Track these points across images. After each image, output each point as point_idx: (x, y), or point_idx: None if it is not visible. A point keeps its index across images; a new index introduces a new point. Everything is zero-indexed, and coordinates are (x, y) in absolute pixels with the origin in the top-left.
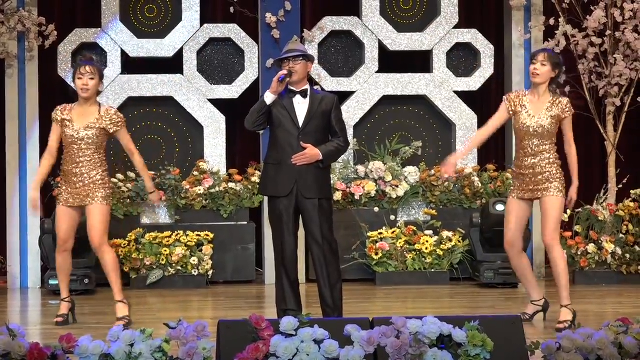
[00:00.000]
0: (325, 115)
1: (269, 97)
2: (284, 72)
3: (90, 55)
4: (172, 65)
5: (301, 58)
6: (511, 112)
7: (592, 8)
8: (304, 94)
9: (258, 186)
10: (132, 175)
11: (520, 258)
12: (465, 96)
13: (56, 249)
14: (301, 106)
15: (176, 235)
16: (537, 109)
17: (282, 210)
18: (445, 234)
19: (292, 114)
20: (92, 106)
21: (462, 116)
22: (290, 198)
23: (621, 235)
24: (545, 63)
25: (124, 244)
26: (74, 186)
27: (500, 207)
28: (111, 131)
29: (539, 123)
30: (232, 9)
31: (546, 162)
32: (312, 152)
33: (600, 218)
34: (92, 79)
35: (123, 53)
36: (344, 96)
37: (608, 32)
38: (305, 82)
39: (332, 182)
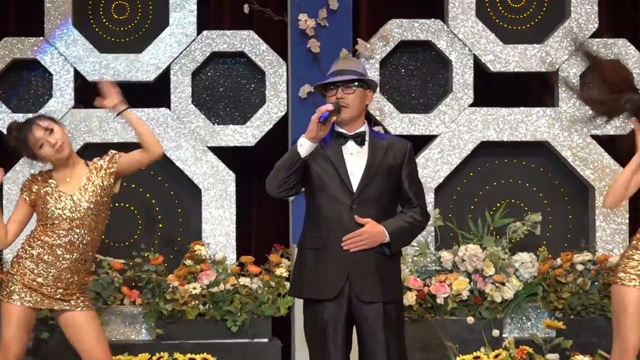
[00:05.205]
0: (393, 172)
1: (304, 146)
2: (329, 106)
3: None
4: (154, 94)
5: (356, 83)
6: None
7: None
8: (359, 139)
9: (288, 283)
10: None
11: None
12: (609, 143)
13: None
14: (355, 158)
15: (158, 358)
16: None
17: (327, 321)
18: (580, 358)
19: (342, 170)
20: (77, 165)
21: (603, 174)
22: (340, 302)
23: None
24: None
25: None
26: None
27: None
28: (113, 178)
29: None
30: (246, 8)
31: None
32: (373, 230)
33: None
34: (54, 130)
35: (77, 74)
36: (420, 143)
37: None
38: (362, 121)
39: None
